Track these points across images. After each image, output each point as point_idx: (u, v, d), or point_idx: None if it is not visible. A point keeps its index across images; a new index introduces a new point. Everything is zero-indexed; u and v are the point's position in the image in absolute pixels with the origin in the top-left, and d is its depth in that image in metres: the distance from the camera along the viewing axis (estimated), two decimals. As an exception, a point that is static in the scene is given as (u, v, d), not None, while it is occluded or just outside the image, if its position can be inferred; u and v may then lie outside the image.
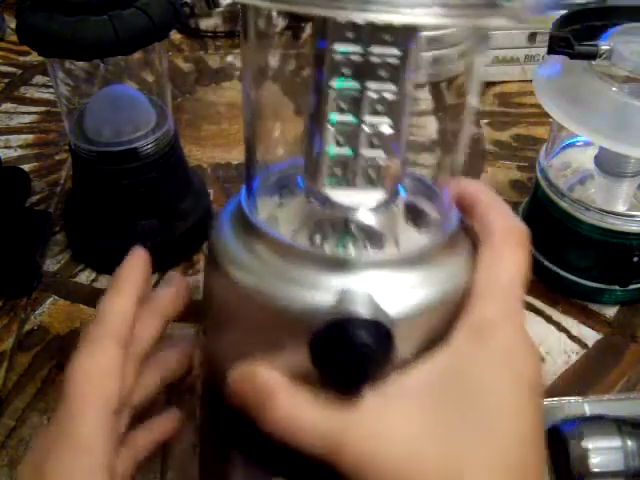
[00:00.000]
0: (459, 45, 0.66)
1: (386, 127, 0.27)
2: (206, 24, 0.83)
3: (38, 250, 0.50)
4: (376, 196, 0.29)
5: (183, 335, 0.34)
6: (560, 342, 0.46)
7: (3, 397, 0.42)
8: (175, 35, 0.82)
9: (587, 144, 0.48)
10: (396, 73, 0.26)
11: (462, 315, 0.27)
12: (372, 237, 0.29)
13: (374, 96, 0.27)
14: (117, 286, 0.31)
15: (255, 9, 0.27)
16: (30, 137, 0.65)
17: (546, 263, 0.49)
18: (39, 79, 0.75)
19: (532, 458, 0.25)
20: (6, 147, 0.64)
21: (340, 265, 0.27)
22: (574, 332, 0.46)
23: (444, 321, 0.27)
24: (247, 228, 0.29)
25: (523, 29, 0.70)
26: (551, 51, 0.41)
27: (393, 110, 0.27)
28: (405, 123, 0.28)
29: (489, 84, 0.73)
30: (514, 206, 0.55)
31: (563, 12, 0.45)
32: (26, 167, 0.59)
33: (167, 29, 0.42)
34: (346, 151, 0.28)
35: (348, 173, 0.28)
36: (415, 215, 0.31)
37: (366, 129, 0.27)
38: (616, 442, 0.35)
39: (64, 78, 0.48)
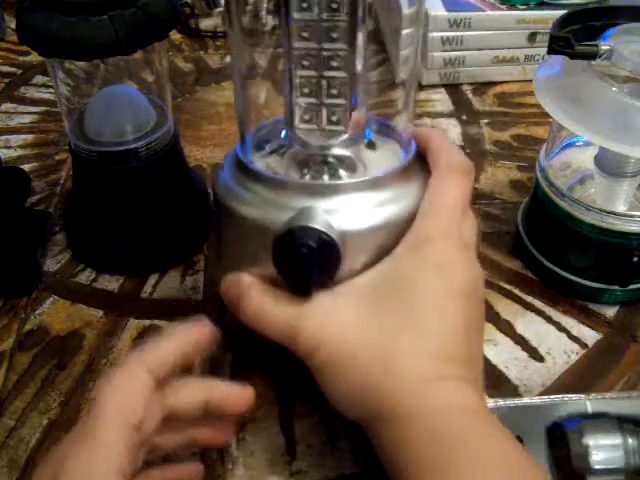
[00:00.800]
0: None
1: (342, 78, 0.33)
2: (206, 24, 0.83)
3: (38, 250, 0.50)
4: (341, 136, 0.35)
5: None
6: (560, 342, 0.46)
7: (3, 397, 0.42)
8: (175, 35, 0.82)
9: (587, 144, 0.48)
10: (346, 34, 0.32)
11: (407, 231, 0.32)
12: (341, 169, 0.36)
13: (329, 54, 0.32)
14: (173, 334, 0.32)
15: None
16: (30, 137, 0.65)
17: (546, 263, 0.49)
18: (39, 79, 0.75)
19: (457, 351, 0.30)
20: (6, 147, 0.64)
21: (314, 191, 0.34)
22: (574, 332, 0.46)
23: (394, 237, 0.33)
24: (241, 169, 0.36)
25: (523, 29, 0.70)
26: (551, 51, 0.41)
27: (346, 64, 0.33)
28: (358, 72, 0.33)
29: (489, 84, 0.73)
30: (514, 206, 0.55)
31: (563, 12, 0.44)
32: (26, 167, 0.59)
33: (167, 29, 0.42)
34: (311, 100, 0.34)
35: (315, 118, 0.35)
36: (377, 149, 0.38)
37: (324, 81, 0.33)
38: (617, 440, 0.35)
39: (64, 78, 0.47)
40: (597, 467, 0.34)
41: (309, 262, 0.31)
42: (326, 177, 0.36)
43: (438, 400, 0.29)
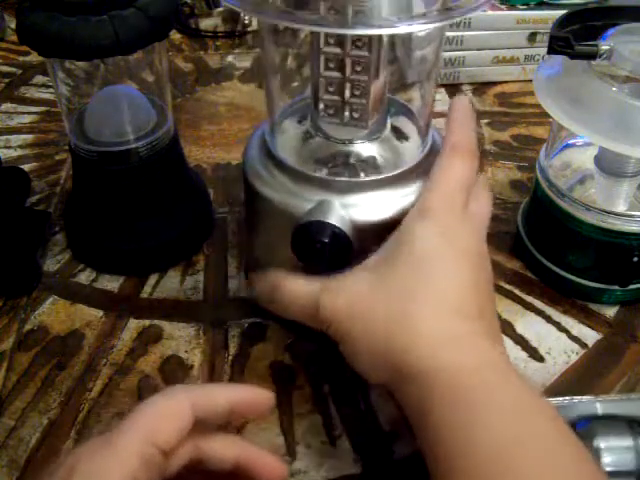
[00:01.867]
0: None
1: (363, 81, 0.36)
2: (206, 24, 0.83)
3: (38, 250, 0.50)
4: (363, 131, 0.38)
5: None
6: (560, 342, 0.46)
7: (3, 397, 0.42)
8: (175, 35, 0.82)
9: (587, 144, 0.48)
10: (367, 47, 0.35)
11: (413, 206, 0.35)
12: (361, 163, 0.39)
13: (353, 59, 0.36)
14: (231, 386, 0.34)
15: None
16: (30, 137, 0.65)
17: (546, 263, 0.49)
18: (39, 79, 0.75)
19: (470, 307, 0.32)
20: (6, 147, 0.64)
21: (325, 185, 0.37)
22: (574, 332, 0.46)
23: None
24: (268, 155, 0.39)
25: (523, 29, 0.70)
26: (551, 51, 0.41)
27: (368, 69, 0.36)
28: (380, 77, 0.37)
29: (489, 84, 0.73)
30: (514, 206, 0.55)
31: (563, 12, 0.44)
32: (26, 167, 0.59)
33: (167, 29, 0.42)
34: (335, 97, 0.37)
35: (339, 114, 0.38)
36: (398, 140, 0.41)
37: (348, 82, 0.37)
38: (628, 442, 0.35)
39: (64, 78, 0.47)
40: (608, 469, 0.34)
41: (323, 255, 0.36)
42: (346, 172, 0.39)
43: (457, 357, 0.30)
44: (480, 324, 0.32)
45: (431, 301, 0.31)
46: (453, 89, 0.73)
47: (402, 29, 0.30)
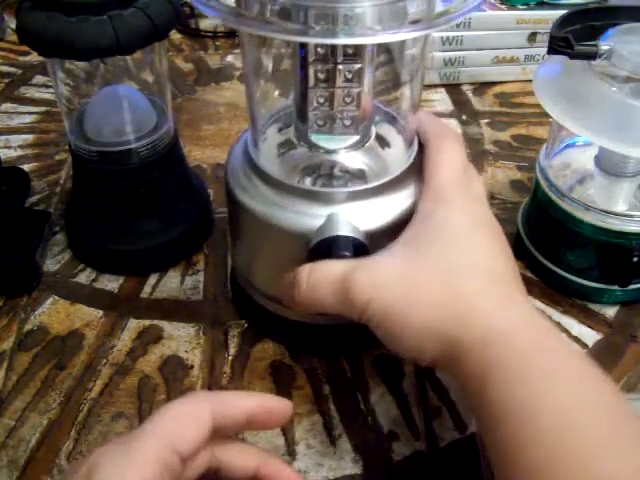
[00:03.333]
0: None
1: (354, 89, 0.36)
2: (206, 24, 0.84)
3: (38, 250, 0.50)
4: (351, 139, 0.38)
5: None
6: (560, 342, 0.45)
7: (3, 397, 0.42)
8: (175, 35, 0.82)
9: (587, 144, 0.48)
10: (358, 55, 0.35)
11: (423, 187, 0.36)
12: (349, 173, 0.39)
13: (343, 68, 0.35)
14: (251, 395, 0.32)
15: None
16: (30, 137, 0.65)
17: (546, 263, 0.49)
18: (39, 79, 0.75)
19: (506, 269, 0.34)
20: (6, 147, 0.64)
21: (323, 198, 0.36)
22: (574, 332, 0.46)
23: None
24: (251, 166, 0.38)
25: (523, 29, 0.70)
26: (551, 51, 0.41)
27: (359, 76, 0.36)
28: (369, 84, 0.36)
29: (489, 84, 0.73)
30: (514, 206, 0.55)
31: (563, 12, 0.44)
32: (26, 167, 0.58)
33: (167, 29, 0.42)
34: (325, 107, 0.37)
35: (328, 124, 0.38)
36: (384, 146, 0.40)
37: (339, 91, 0.36)
38: None
39: (64, 78, 0.47)
40: None
41: None
42: (332, 181, 0.39)
43: (509, 322, 0.31)
44: (516, 286, 0.33)
45: (475, 273, 0.32)
46: (453, 89, 0.73)
47: (390, 37, 0.30)
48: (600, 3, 0.52)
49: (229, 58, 0.78)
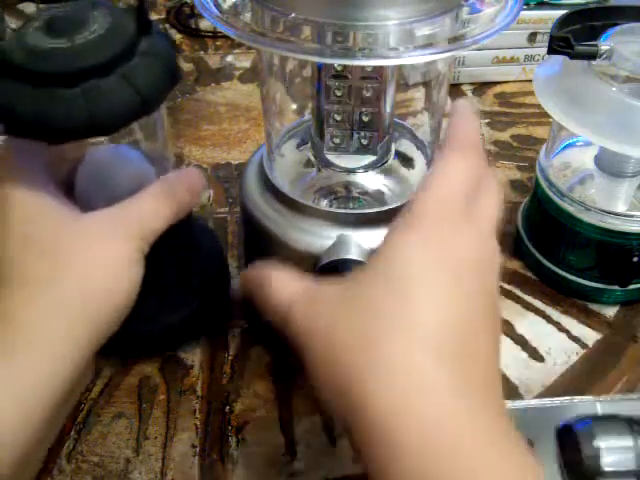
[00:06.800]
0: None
1: (372, 108, 0.35)
2: (206, 24, 0.83)
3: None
4: (369, 159, 0.37)
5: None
6: (560, 342, 0.46)
7: (3, 397, 0.41)
8: (175, 35, 0.82)
9: (587, 144, 0.48)
10: (377, 74, 0.34)
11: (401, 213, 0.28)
12: (367, 194, 0.38)
13: (361, 86, 0.34)
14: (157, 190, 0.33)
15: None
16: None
17: (546, 263, 0.49)
18: (39, 79, 0.75)
19: (454, 343, 0.25)
20: (6, 147, 0.63)
21: (335, 219, 0.35)
22: (574, 332, 0.46)
23: None
24: (266, 183, 0.37)
25: (523, 29, 0.70)
26: (551, 51, 0.41)
27: (377, 95, 0.35)
28: (389, 103, 0.35)
29: (489, 84, 0.73)
30: (514, 206, 0.55)
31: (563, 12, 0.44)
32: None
33: (158, 100, 0.32)
34: (343, 127, 0.36)
35: (345, 142, 0.36)
36: (406, 166, 0.39)
37: (356, 110, 0.35)
38: (628, 442, 0.35)
39: None
40: (608, 469, 0.34)
41: None
42: (350, 203, 0.38)
43: (423, 409, 0.24)
44: (462, 372, 0.25)
45: (401, 334, 0.25)
46: (453, 89, 0.73)
47: (410, 59, 0.28)
48: (600, 3, 0.52)
49: (229, 58, 0.78)
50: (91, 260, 0.29)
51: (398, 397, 0.24)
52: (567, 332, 0.46)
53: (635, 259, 0.44)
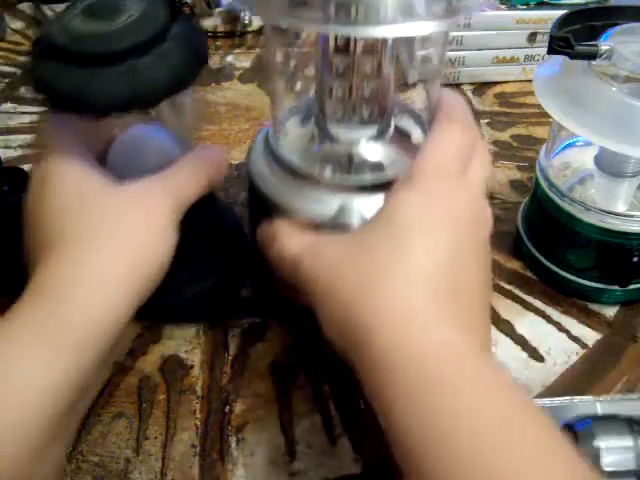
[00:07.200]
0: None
1: (373, 82, 0.36)
2: (206, 24, 0.84)
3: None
4: (370, 131, 0.38)
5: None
6: (560, 342, 0.46)
7: (3, 397, 0.41)
8: (175, 35, 0.82)
9: (587, 144, 0.48)
10: (377, 48, 0.35)
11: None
12: (367, 164, 0.39)
13: (362, 61, 0.35)
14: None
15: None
16: (30, 137, 0.65)
17: (546, 263, 0.49)
18: (39, 79, 0.75)
19: (444, 282, 0.28)
20: (6, 147, 0.63)
21: (338, 187, 0.37)
22: (574, 332, 0.46)
23: None
24: (272, 155, 0.39)
25: (523, 29, 0.70)
26: (551, 51, 0.41)
27: (378, 69, 0.36)
28: (388, 76, 0.37)
29: (489, 84, 0.73)
30: (514, 206, 0.55)
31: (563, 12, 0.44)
32: (26, 167, 0.58)
33: (191, 78, 0.37)
34: (345, 101, 0.37)
35: (347, 115, 0.38)
36: (404, 140, 0.40)
37: (357, 83, 0.36)
38: (628, 442, 0.35)
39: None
40: (608, 469, 0.34)
41: None
42: (352, 172, 0.39)
43: (419, 342, 0.27)
44: (449, 307, 0.28)
45: (400, 276, 0.28)
46: (453, 89, 0.72)
47: (412, 30, 0.30)
48: (600, 3, 0.52)
49: (229, 58, 0.78)
50: (134, 223, 0.32)
51: (399, 333, 0.27)
52: (567, 332, 0.46)
53: (635, 259, 0.44)
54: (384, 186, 0.36)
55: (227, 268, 0.45)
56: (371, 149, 0.39)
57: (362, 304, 0.28)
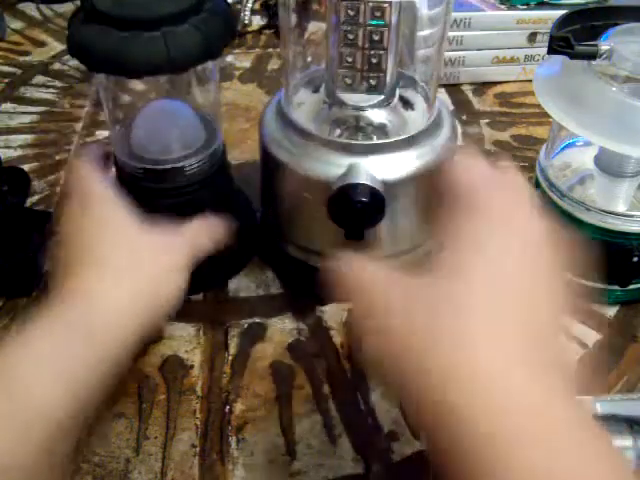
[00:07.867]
0: None
1: (379, 51, 0.39)
2: (206, 24, 0.83)
3: (38, 250, 0.50)
4: (376, 98, 0.41)
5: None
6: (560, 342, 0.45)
7: (3, 397, 0.41)
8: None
9: (587, 144, 0.48)
10: (383, 17, 0.38)
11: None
12: (374, 128, 0.42)
13: (369, 30, 0.38)
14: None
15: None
16: (30, 137, 0.65)
17: (546, 263, 0.49)
18: (39, 79, 0.75)
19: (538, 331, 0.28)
20: (6, 147, 0.63)
21: (347, 149, 0.40)
22: (574, 332, 0.46)
23: (427, 185, 0.41)
24: (284, 119, 0.42)
25: (523, 29, 0.70)
26: (551, 51, 0.41)
27: (384, 38, 0.39)
28: (394, 46, 0.39)
29: (489, 84, 0.73)
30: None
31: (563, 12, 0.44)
32: (26, 167, 0.59)
33: (221, 48, 0.40)
34: (353, 69, 0.40)
35: (355, 82, 0.40)
36: (407, 107, 0.44)
37: (365, 52, 0.39)
38: (628, 441, 0.35)
39: (113, 90, 0.45)
40: None
41: (363, 214, 0.39)
42: (359, 135, 0.42)
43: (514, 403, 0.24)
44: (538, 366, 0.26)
45: (485, 336, 0.25)
46: (453, 89, 0.73)
47: None
48: (600, 3, 0.52)
49: (229, 58, 0.78)
50: (158, 264, 0.36)
51: (483, 385, 0.24)
52: (567, 332, 0.46)
53: (635, 259, 0.44)
54: (389, 146, 0.40)
55: (241, 236, 0.45)
56: (376, 114, 0.42)
57: (441, 345, 0.25)
